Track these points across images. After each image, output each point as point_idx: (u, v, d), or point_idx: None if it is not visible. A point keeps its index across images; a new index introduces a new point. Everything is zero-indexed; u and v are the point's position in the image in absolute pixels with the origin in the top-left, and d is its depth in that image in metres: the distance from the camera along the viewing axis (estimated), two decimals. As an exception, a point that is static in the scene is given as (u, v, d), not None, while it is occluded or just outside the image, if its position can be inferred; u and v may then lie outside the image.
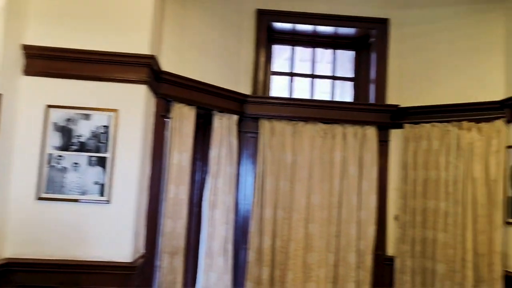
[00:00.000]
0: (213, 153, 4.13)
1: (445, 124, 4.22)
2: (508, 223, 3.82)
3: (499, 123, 3.95)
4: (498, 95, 4.01)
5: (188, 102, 3.94)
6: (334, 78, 4.96)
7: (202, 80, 4.01)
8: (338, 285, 4.29)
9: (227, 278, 4.16)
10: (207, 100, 4.09)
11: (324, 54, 5.19)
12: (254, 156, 4.43)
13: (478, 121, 4.08)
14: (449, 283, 4.00)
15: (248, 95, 4.41)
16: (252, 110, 4.41)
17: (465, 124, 4.12)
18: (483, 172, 3.97)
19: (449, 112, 4.22)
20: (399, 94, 4.54)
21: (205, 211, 4.09)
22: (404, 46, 4.58)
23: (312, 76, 4.93)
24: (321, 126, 4.48)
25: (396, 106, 4.45)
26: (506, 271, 3.78)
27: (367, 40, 4.78)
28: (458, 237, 3.99)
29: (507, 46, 4.04)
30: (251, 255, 4.27)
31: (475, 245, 3.93)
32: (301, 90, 4.98)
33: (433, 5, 4.47)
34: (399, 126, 4.49)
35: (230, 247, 4.20)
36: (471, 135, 4.07)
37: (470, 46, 4.25)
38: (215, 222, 4.10)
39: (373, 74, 4.66)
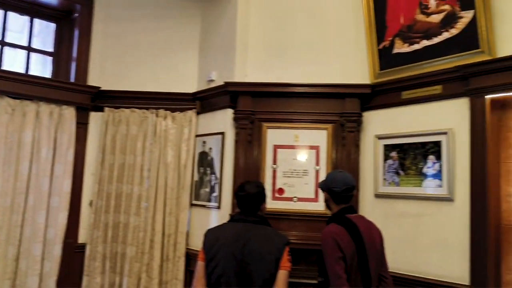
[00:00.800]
0: None
1: (144, 110, 4.33)
2: (193, 205, 4.21)
3: (191, 114, 4.31)
4: (191, 88, 4.38)
5: None
6: (30, 49, 4.42)
7: None
8: (18, 280, 3.83)
9: None
10: None
11: (20, 21, 4.57)
12: None
13: (173, 110, 4.34)
14: (138, 265, 4.11)
15: None
16: None
17: (161, 112, 4.32)
18: (175, 158, 4.25)
19: (148, 99, 4.35)
20: (101, 76, 4.40)
21: None
22: (108, 28, 4.47)
23: (2, 43, 4.26)
24: (8, 101, 3.92)
25: (97, 88, 4.30)
26: (188, 248, 4.15)
27: (70, 15, 4.46)
28: (149, 220, 4.15)
29: (200, 43, 4.45)
30: None
31: (164, 227, 4.17)
32: (-12, 58, 4.25)
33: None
34: (100, 109, 4.36)
35: None
36: (166, 122, 4.31)
37: (170, 38, 4.49)
38: None
39: (75, 52, 4.38)
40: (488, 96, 2.98)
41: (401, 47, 3.46)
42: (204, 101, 4.26)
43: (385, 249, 2.61)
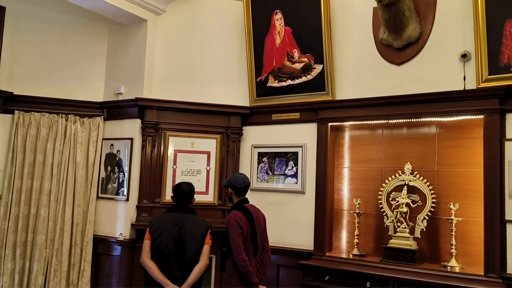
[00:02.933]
0: None
1: (54, 115, 4.89)
2: (100, 198, 4.95)
3: (99, 120, 5.03)
4: (98, 97, 5.09)
5: None
6: None
7: None
8: None
9: None
10: None
11: None
12: None
13: (82, 116, 5.00)
14: (47, 251, 4.71)
15: None
16: None
17: (71, 117, 4.94)
18: (84, 158, 4.93)
19: (58, 105, 4.93)
20: (11, 82, 4.81)
21: None
22: (18, 36, 4.88)
23: None
24: None
25: (10, 93, 4.71)
26: (95, 234, 4.90)
27: (-20, 21, 4.76)
28: (59, 211, 4.77)
29: (107, 58, 5.17)
30: None
31: (73, 217, 4.83)
32: None
33: (46, 7, 4.99)
34: (10, 112, 4.78)
35: None
36: (76, 126, 4.95)
37: (79, 52, 5.10)
38: None
39: (-16, 57, 4.71)
40: (329, 124, 4.46)
41: (272, 83, 4.77)
42: (112, 109, 5.02)
43: (266, 228, 3.85)
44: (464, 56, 3.81)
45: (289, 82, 4.68)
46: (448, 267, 3.81)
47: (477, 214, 3.81)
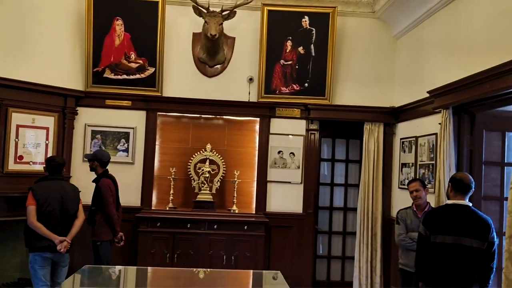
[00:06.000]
0: None
1: None
2: None
3: None
4: None
5: None
6: None
7: None
8: None
9: None
10: None
11: None
12: None
13: None
14: None
15: None
16: None
17: None
18: None
19: None
20: None
21: None
22: None
23: None
24: None
25: None
26: None
27: None
28: None
29: None
30: None
31: None
32: None
33: None
34: None
35: None
36: None
37: None
38: None
39: None
40: (158, 113, 6.02)
41: (109, 75, 5.91)
42: None
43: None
44: (251, 79, 6.10)
45: (125, 76, 5.93)
46: (232, 210, 6.09)
47: (250, 177, 6.23)
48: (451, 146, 4.50)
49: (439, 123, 4.65)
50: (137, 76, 5.95)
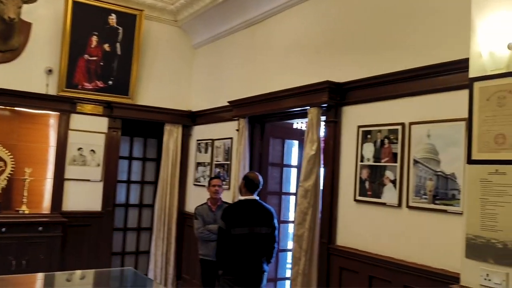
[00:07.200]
0: None
1: None
2: None
3: None
4: None
5: None
6: None
7: None
8: None
9: None
10: None
11: None
12: None
13: None
14: None
15: None
16: None
17: None
18: None
19: None
20: None
21: None
22: None
23: None
24: None
25: None
26: None
27: None
28: None
29: None
30: None
31: None
32: None
33: None
34: None
35: None
36: None
37: None
38: None
39: None
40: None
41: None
42: None
43: None
44: (50, 71, 5.71)
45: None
46: (21, 211, 5.58)
47: (43, 175, 5.82)
48: (246, 149, 5.31)
49: (237, 129, 5.42)
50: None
